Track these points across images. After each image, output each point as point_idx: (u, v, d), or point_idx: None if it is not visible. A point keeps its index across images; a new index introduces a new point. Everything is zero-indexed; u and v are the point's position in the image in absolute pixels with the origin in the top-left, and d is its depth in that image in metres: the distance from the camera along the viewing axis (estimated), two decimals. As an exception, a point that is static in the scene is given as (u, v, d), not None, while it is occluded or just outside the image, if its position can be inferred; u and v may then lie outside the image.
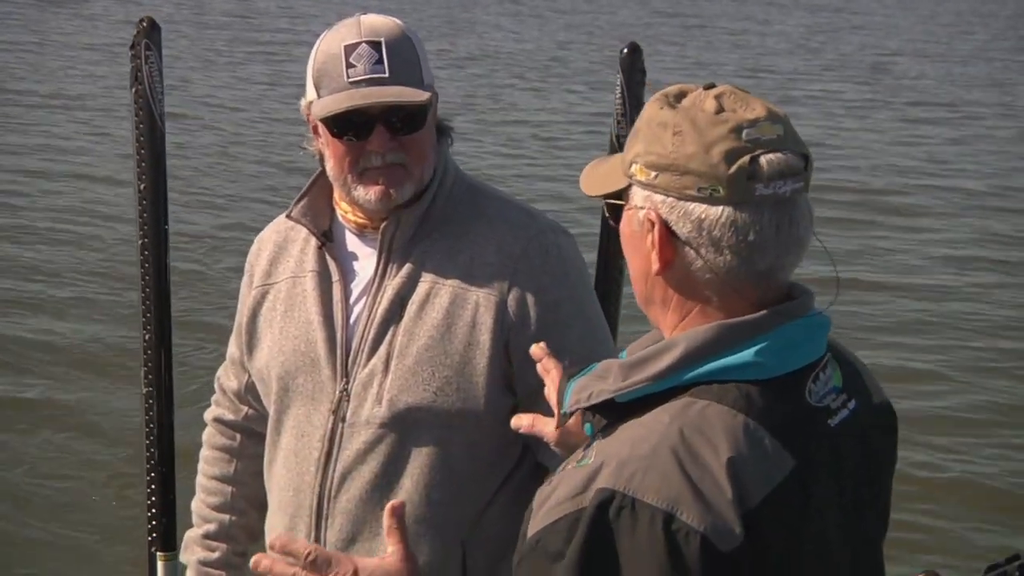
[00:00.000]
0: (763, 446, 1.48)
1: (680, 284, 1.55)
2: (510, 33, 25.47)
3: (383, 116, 2.20)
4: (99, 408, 6.80)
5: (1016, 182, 13.68)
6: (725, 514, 1.43)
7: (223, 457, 2.63)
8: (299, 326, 2.37)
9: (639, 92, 2.89)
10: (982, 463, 6.73)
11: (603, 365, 1.61)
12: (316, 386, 2.33)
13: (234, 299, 2.58)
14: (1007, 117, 18.37)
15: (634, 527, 1.43)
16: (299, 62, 12.49)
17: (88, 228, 9.98)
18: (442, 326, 2.26)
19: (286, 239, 2.46)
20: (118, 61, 16.98)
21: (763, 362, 1.51)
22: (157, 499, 3.04)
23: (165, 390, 3.05)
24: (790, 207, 1.52)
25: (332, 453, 2.31)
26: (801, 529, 1.50)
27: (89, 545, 5.53)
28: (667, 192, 1.52)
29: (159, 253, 3.02)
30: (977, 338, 8.62)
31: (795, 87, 19.86)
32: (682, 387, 1.52)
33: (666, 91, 1.58)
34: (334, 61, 2.22)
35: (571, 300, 2.30)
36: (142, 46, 2.95)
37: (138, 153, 3.01)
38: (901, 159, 14.77)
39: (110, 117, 13.94)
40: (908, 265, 10.47)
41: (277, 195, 10.94)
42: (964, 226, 11.79)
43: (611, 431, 1.55)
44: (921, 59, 25.35)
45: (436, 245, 2.30)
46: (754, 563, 1.44)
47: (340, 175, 2.26)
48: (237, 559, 2.64)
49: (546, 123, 15.67)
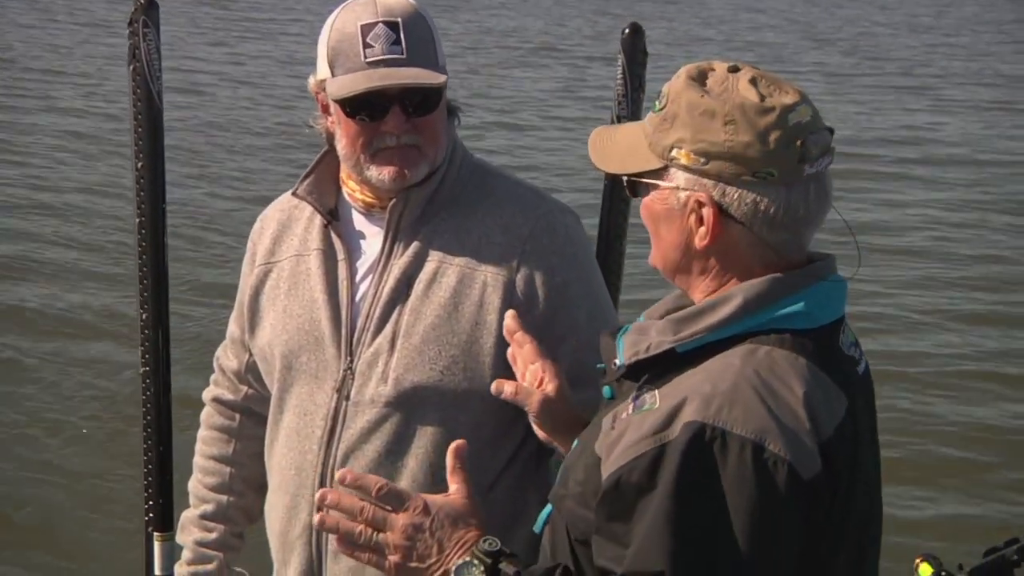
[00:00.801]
0: (825, 384, 1.63)
1: (724, 256, 1.68)
2: (505, 11, 25.40)
3: (399, 97, 2.19)
4: (96, 382, 6.79)
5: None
6: (806, 444, 1.57)
7: (222, 437, 2.61)
8: (303, 304, 2.35)
9: (640, 72, 2.87)
10: (981, 443, 6.72)
11: (638, 325, 1.75)
12: (320, 364, 2.32)
13: (234, 278, 2.56)
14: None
15: (726, 456, 1.54)
16: (294, 38, 12.35)
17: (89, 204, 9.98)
18: (449, 305, 2.25)
19: (290, 217, 2.45)
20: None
21: (810, 312, 1.66)
22: (154, 479, 3.02)
23: (163, 369, 3.04)
24: (824, 179, 1.67)
25: (335, 432, 2.30)
26: (857, 460, 1.66)
27: (85, 526, 5.53)
28: (719, 177, 1.63)
29: (156, 231, 3.00)
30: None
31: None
32: (738, 337, 1.65)
33: (690, 73, 1.68)
34: (350, 40, 2.20)
35: (579, 281, 2.30)
36: (140, 23, 2.92)
37: (136, 131, 2.99)
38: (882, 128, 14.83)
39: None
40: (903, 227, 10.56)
41: (273, 173, 10.91)
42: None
43: (663, 381, 1.66)
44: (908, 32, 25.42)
45: (444, 225, 2.29)
46: (828, 490, 1.58)
47: (352, 155, 2.25)
48: (234, 540, 2.63)
49: (545, 101, 15.65)
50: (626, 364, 1.72)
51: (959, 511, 6.04)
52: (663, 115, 1.68)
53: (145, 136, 2.98)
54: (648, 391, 1.67)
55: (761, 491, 1.53)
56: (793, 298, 1.65)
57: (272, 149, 12.14)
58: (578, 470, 1.73)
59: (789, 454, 1.54)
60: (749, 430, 1.55)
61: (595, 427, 1.78)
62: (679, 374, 1.65)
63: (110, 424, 6.36)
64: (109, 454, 6.08)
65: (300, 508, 2.36)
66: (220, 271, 8.30)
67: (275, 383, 2.41)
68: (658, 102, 1.71)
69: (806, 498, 1.56)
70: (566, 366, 2.24)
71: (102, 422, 6.41)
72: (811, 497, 1.57)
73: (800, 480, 1.55)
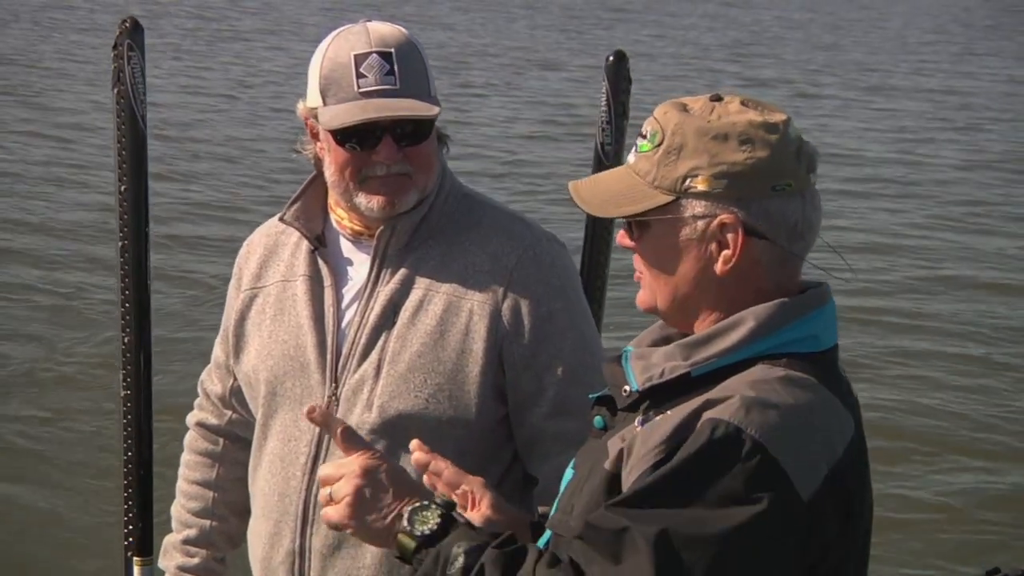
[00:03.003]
0: (836, 405, 1.67)
1: (740, 279, 1.69)
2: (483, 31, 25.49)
3: (391, 127, 2.20)
4: (75, 413, 6.75)
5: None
6: (815, 463, 1.59)
7: (205, 462, 2.60)
8: (288, 330, 2.35)
9: (624, 100, 2.88)
10: (962, 478, 6.73)
11: (637, 353, 1.75)
12: (304, 390, 2.32)
13: (219, 302, 2.55)
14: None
15: (738, 455, 1.56)
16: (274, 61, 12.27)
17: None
18: (435, 333, 2.25)
19: (277, 243, 2.44)
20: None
21: (817, 335, 1.70)
22: (134, 503, 3.00)
23: (144, 392, 3.02)
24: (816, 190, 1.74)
25: (319, 458, 2.30)
26: (865, 479, 1.70)
27: (64, 552, 5.47)
28: (741, 196, 1.67)
29: (140, 254, 2.98)
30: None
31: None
32: (749, 361, 1.67)
33: (676, 107, 1.71)
34: (343, 70, 2.21)
35: (565, 310, 2.30)
36: (124, 47, 2.92)
37: (119, 154, 2.98)
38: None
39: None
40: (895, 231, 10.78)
41: (262, 199, 10.89)
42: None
43: (670, 405, 1.67)
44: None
45: (431, 252, 2.30)
46: (834, 509, 1.61)
47: (341, 182, 2.25)
48: (217, 565, 2.62)
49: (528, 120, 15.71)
50: (640, 389, 1.71)
51: (940, 540, 6.04)
52: (664, 149, 1.69)
53: (129, 158, 2.97)
54: (656, 415, 1.68)
55: (756, 501, 1.54)
56: (801, 322, 1.69)
57: (259, 173, 12.11)
58: (583, 496, 1.71)
59: (793, 471, 1.57)
60: (764, 436, 1.56)
61: (590, 455, 1.76)
62: (691, 397, 1.66)
63: (90, 449, 6.31)
64: (89, 479, 6.02)
65: (283, 534, 2.35)
66: (204, 297, 8.27)
67: (259, 408, 2.40)
68: (648, 141, 1.71)
69: (806, 517, 1.58)
70: (551, 395, 2.25)
71: (82, 448, 6.36)
72: (813, 517, 1.58)
73: (799, 500, 1.57)
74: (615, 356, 1.79)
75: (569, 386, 2.24)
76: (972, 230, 11.61)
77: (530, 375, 2.25)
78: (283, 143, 11.52)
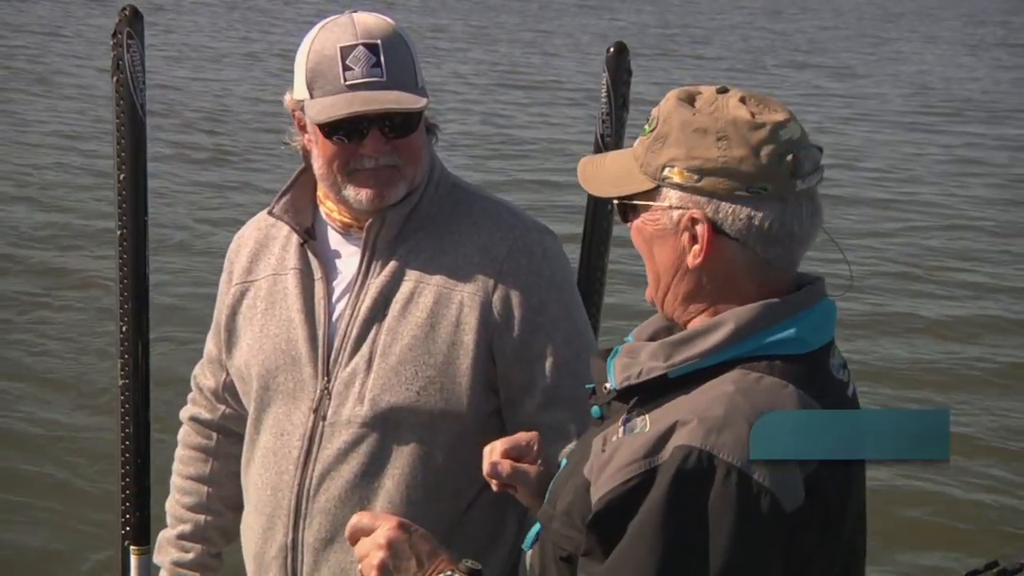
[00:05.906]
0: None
1: (717, 276, 1.68)
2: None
3: (379, 120, 2.19)
4: (72, 401, 6.74)
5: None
6: (791, 475, 1.57)
7: (199, 456, 2.59)
8: (280, 324, 2.34)
9: (625, 92, 2.87)
10: (960, 473, 6.73)
11: (628, 347, 1.75)
12: (297, 384, 2.31)
13: (213, 293, 2.55)
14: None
15: (712, 480, 1.55)
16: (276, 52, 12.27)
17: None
18: (426, 325, 2.24)
19: (267, 236, 2.43)
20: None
21: (803, 337, 1.66)
22: (131, 492, 3.00)
23: (141, 383, 3.01)
24: (816, 197, 1.68)
25: (312, 452, 2.29)
26: (849, 489, 1.67)
27: (61, 542, 5.46)
28: (713, 193, 1.64)
29: (138, 243, 2.98)
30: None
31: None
32: (729, 363, 1.65)
33: (679, 96, 1.69)
34: (329, 62, 2.19)
35: (557, 301, 2.29)
36: (124, 35, 2.91)
37: (118, 143, 2.97)
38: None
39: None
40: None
41: (255, 188, 10.87)
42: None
43: (653, 405, 1.67)
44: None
45: (421, 244, 2.28)
46: (814, 521, 1.59)
47: (329, 175, 2.24)
48: (212, 560, 2.61)
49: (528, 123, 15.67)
50: (617, 388, 1.72)
51: (938, 533, 6.04)
52: (654, 136, 1.69)
53: (128, 147, 2.96)
54: (638, 415, 1.68)
55: (743, 519, 1.55)
56: (784, 324, 1.66)
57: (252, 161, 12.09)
58: (567, 491, 1.73)
59: (773, 485, 1.56)
60: (736, 457, 1.56)
61: (584, 448, 1.78)
62: (670, 399, 1.66)
63: (86, 436, 6.31)
64: (85, 468, 6.02)
65: (276, 528, 2.34)
66: (200, 288, 8.25)
67: (252, 403, 2.39)
68: (647, 125, 1.72)
69: (788, 529, 1.57)
70: (543, 386, 2.24)
71: (78, 431, 6.36)
72: (794, 528, 1.58)
73: (782, 512, 1.56)
74: (603, 351, 1.80)
75: (562, 377, 2.23)
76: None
77: (521, 366, 2.24)
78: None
